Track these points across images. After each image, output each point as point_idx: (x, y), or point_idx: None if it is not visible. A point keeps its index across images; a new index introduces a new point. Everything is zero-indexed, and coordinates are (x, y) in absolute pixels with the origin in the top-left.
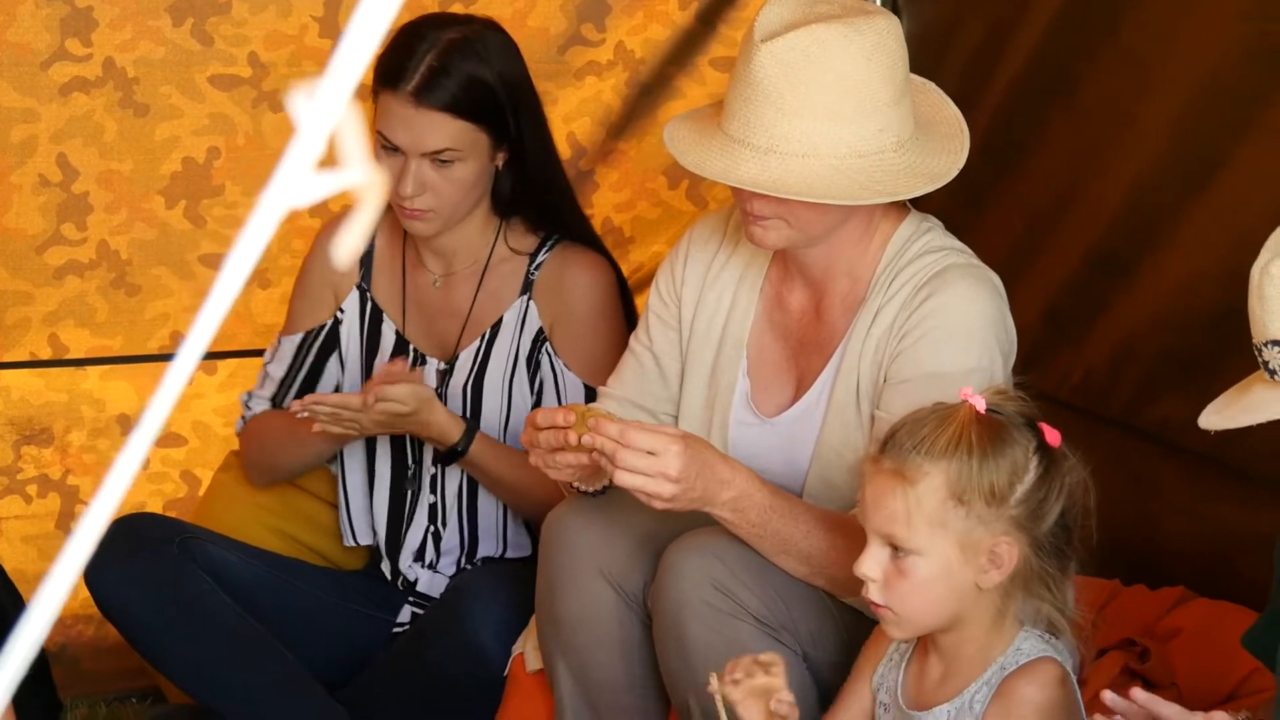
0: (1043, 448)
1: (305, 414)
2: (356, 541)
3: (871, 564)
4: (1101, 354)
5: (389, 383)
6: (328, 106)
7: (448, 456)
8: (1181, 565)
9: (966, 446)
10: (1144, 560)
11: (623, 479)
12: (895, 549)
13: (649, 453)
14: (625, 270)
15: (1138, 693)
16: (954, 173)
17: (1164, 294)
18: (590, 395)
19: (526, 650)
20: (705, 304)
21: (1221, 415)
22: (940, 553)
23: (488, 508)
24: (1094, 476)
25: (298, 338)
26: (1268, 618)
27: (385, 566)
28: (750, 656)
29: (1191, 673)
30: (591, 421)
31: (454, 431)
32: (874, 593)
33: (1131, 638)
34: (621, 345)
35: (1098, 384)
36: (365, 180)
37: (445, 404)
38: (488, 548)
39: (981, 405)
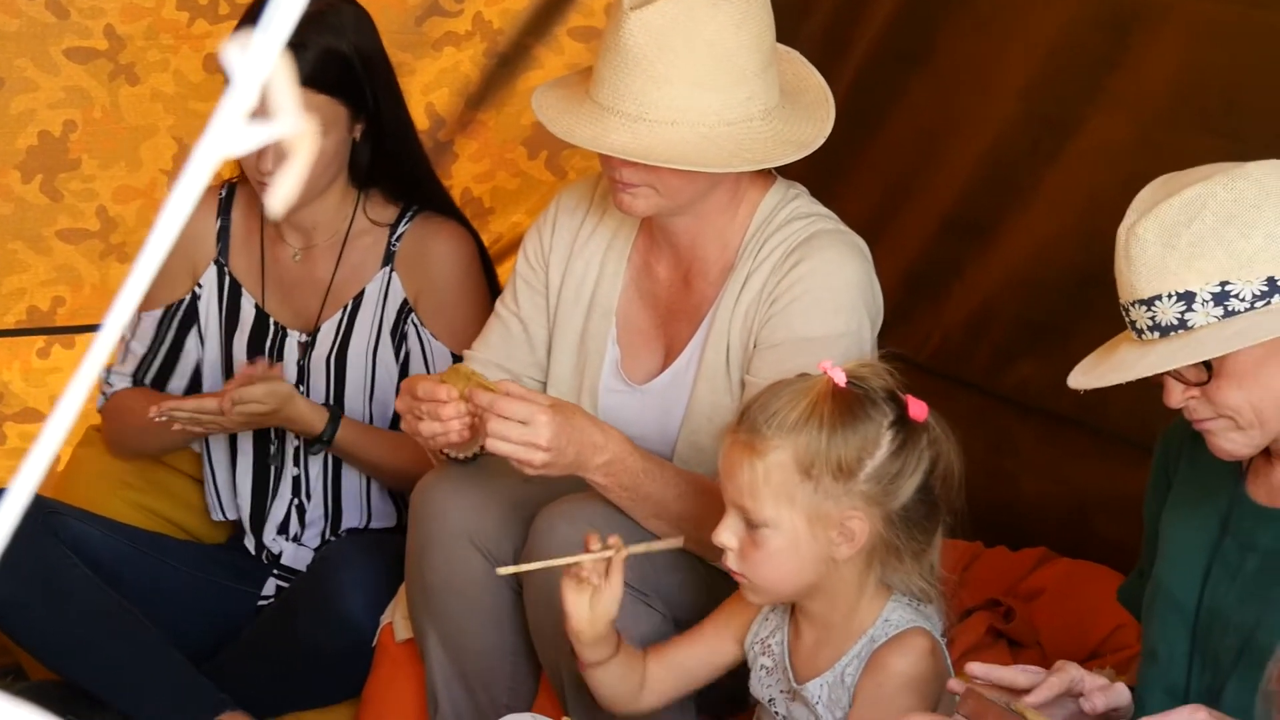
0: (900, 421)
1: (163, 418)
2: (224, 516)
3: (728, 534)
4: (959, 317)
5: (247, 384)
6: (260, 58)
7: (313, 445)
8: (1042, 526)
9: (817, 420)
10: (1005, 522)
11: (495, 446)
12: (749, 520)
13: (520, 421)
14: (485, 241)
15: (975, 667)
16: (820, 140)
17: (1020, 257)
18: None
19: (395, 619)
20: (573, 272)
21: (1089, 375)
22: (789, 525)
23: (351, 480)
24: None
25: (157, 313)
26: (1138, 572)
27: (249, 541)
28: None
29: (1055, 631)
30: (466, 391)
31: (318, 422)
32: (731, 561)
33: (996, 598)
34: (486, 313)
35: (956, 347)
36: (296, 130)
37: (308, 377)
38: (352, 519)
39: (841, 378)
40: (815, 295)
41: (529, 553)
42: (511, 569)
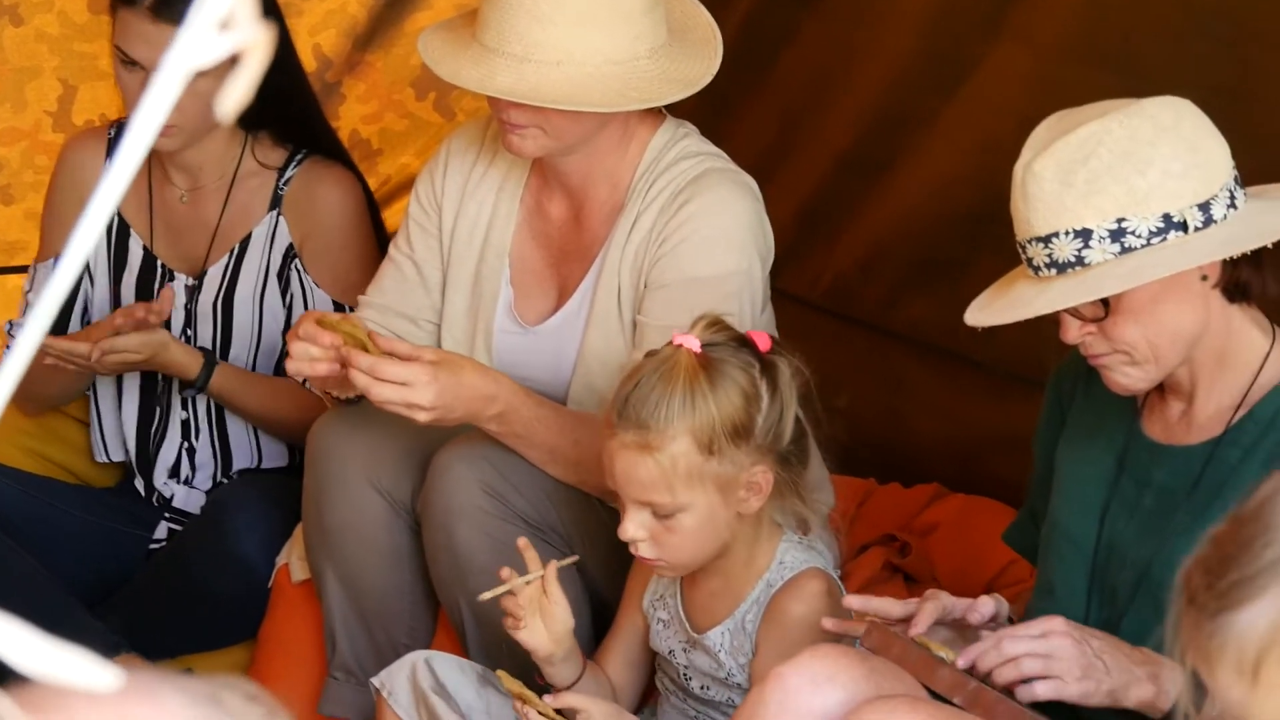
0: (761, 363)
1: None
2: (109, 457)
3: (635, 528)
4: (853, 256)
5: (121, 329)
6: None
7: (187, 390)
8: (934, 462)
9: (700, 395)
10: (897, 459)
11: (380, 404)
12: (657, 511)
13: (402, 384)
14: (373, 183)
15: (851, 600)
16: (708, 78)
17: (915, 195)
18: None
19: (291, 561)
20: (466, 213)
21: (986, 312)
22: (703, 502)
23: (237, 421)
24: (846, 378)
25: (52, 264)
26: (1027, 513)
27: (139, 483)
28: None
29: (950, 566)
30: (344, 351)
31: (193, 368)
32: (644, 551)
33: (891, 533)
34: (370, 262)
35: (849, 285)
36: (254, 39)
37: (195, 321)
38: (242, 460)
39: (696, 345)
40: (704, 234)
41: (426, 492)
42: (488, 594)
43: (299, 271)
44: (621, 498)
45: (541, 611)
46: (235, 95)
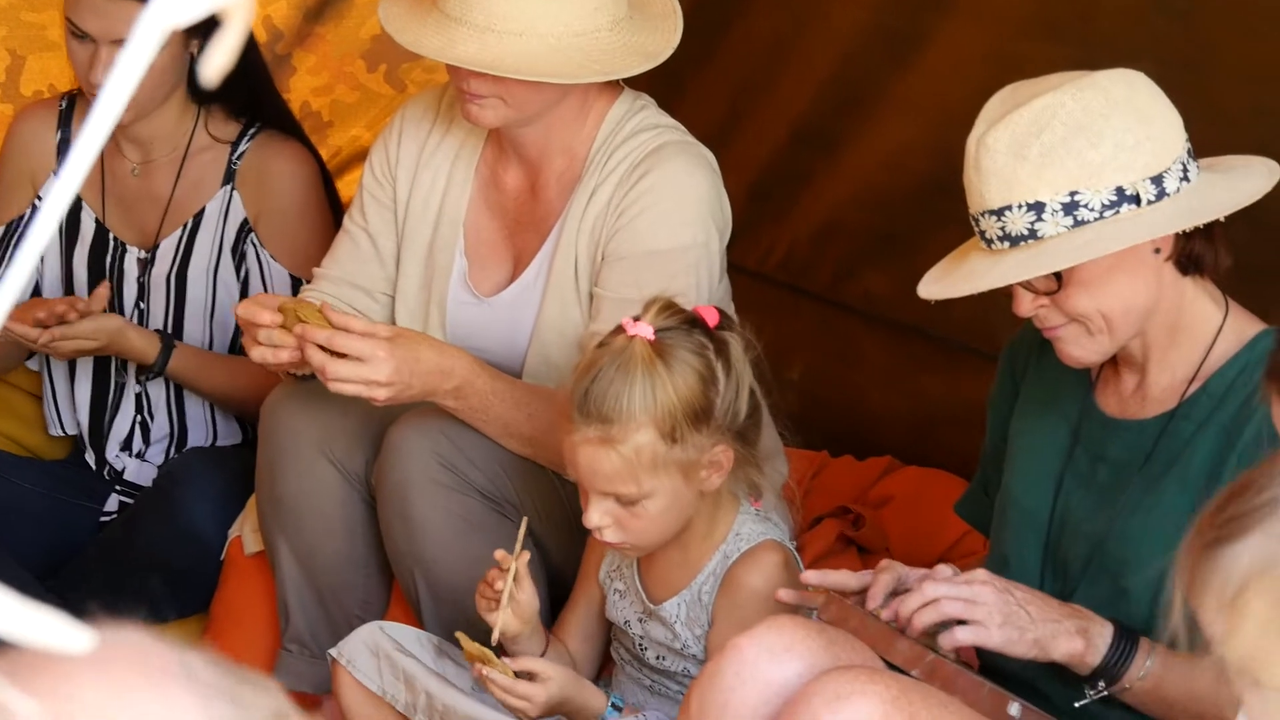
0: (713, 341)
1: None
2: (63, 431)
3: (599, 516)
4: (806, 228)
5: (73, 316)
6: None
7: (145, 373)
8: (887, 435)
9: (659, 385)
10: (851, 431)
11: (337, 387)
12: (622, 500)
13: (358, 359)
14: (324, 155)
15: (809, 575)
16: (669, 51)
17: (868, 168)
18: (296, 287)
19: (244, 533)
20: (420, 184)
21: (939, 285)
22: (667, 487)
23: (195, 399)
24: (798, 351)
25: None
26: (978, 484)
27: (90, 456)
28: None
29: (904, 538)
30: (299, 329)
31: (150, 352)
32: (609, 536)
33: (845, 505)
34: (326, 235)
35: (802, 258)
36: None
37: (148, 294)
38: (198, 437)
39: (650, 333)
40: (662, 207)
41: (381, 464)
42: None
43: (255, 246)
44: (584, 488)
45: (511, 597)
46: (218, 60)
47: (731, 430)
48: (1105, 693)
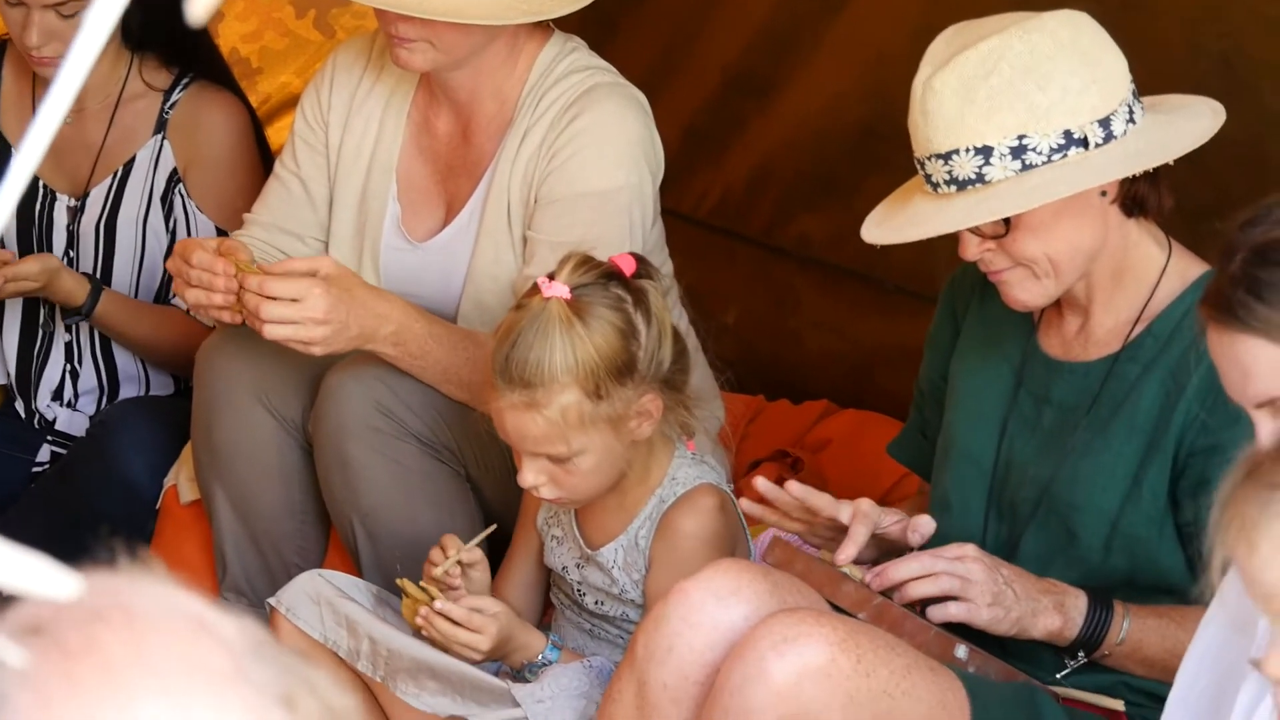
0: (631, 293)
1: None
2: None
3: (534, 475)
4: (740, 173)
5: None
6: None
7: (70, 316)
8: (824, 379)
9: (579, 344)
10: (787, 375)
11: (272, 331)
12: (554, 458)
13: (292, 299)
14: (253, 101)
15: (793, 485)
16: None
17: (803, 112)
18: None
19: (180, 481)
20: (352, 130)
21: (884, 229)
22: (598, 443)
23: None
24: (734, 295)
25: None
26: (913, 425)
27: (19, 405)
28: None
29: (842, 480)
30: (239, 276)
31: (80, 293)
32: (545, 493)
33: (783, 449)
34: (255, 189)
35: (737, 203)
36: None
37: (78, 243)
38: (129, 388)
39: (566, 292)
40: (595, 149)
41: (318, 411)
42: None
43: (183, 197)
44: (516, 450)
45: (464, 574)
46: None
47: (658, 379)
48: (1085, 661)
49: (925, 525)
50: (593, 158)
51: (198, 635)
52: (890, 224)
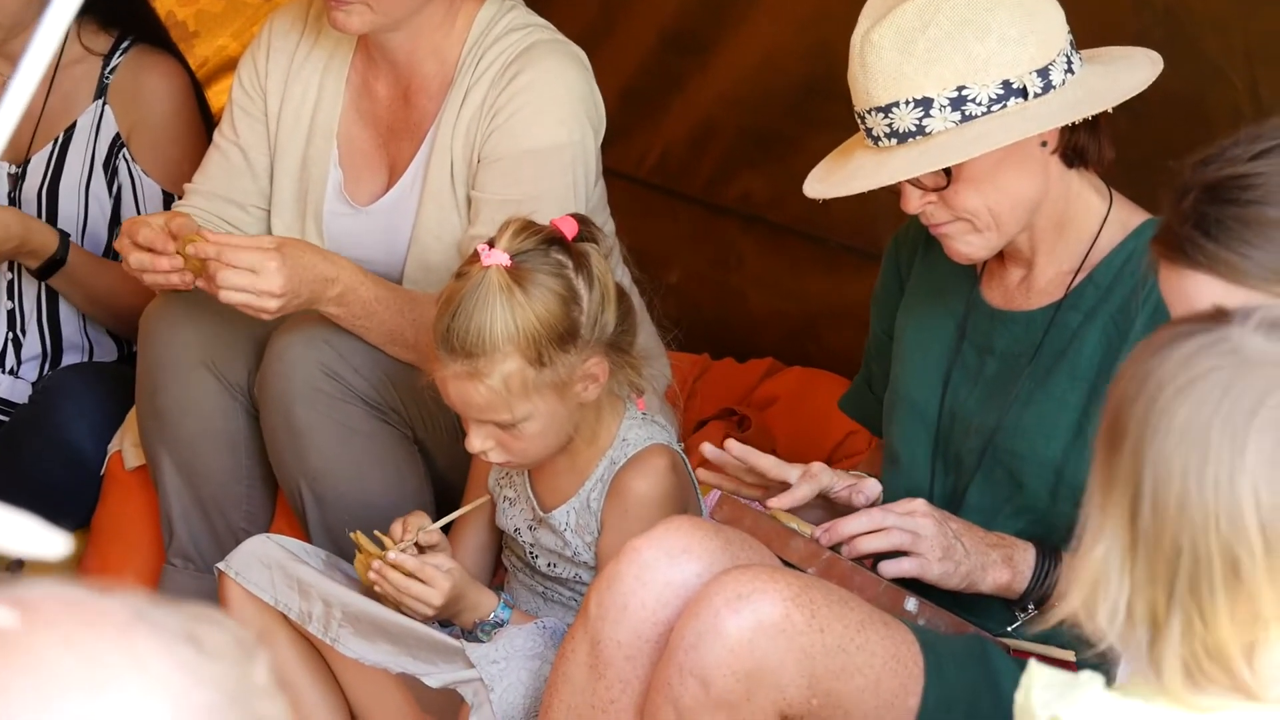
0: (572, 257)
1: None
2: None
3: (481, 441)
4: (680, 132)
5: None
6: None
7: (47, 270)
8: (768, 337)
9: (519, 312)
10: (731, 333)
11: (228, 297)
12: (500, 424)
13: (249, 269)
14: (190, 65)
15: (732, 444)
16: None
17: (742, 70)
18: (169, 202)
19: (124, 447)
20: (291, 95)
21: (825, 184)
22: (543, 408)
23: (70, 313)
24: (676, 254)
25: None
26: (862, 380)
27: None
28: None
29: (790, 438)
30: (191, 249)
31: (53, 242)
32: (493, 458)
33: (730, 407)
34: (199, 151)
35: (677, 161)
36: None
37: (19, 209)
38: (73, 354)
39: (506, 259)
40: (536, 106)
41: (264, 374)
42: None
43: (127, 162)
44: (462, 417)
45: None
46: None
47: (602, 342)
48: (1035, 613)
49: (871, 488)
50: (535, 115)
51: (91, 598)
52: (832, 179)
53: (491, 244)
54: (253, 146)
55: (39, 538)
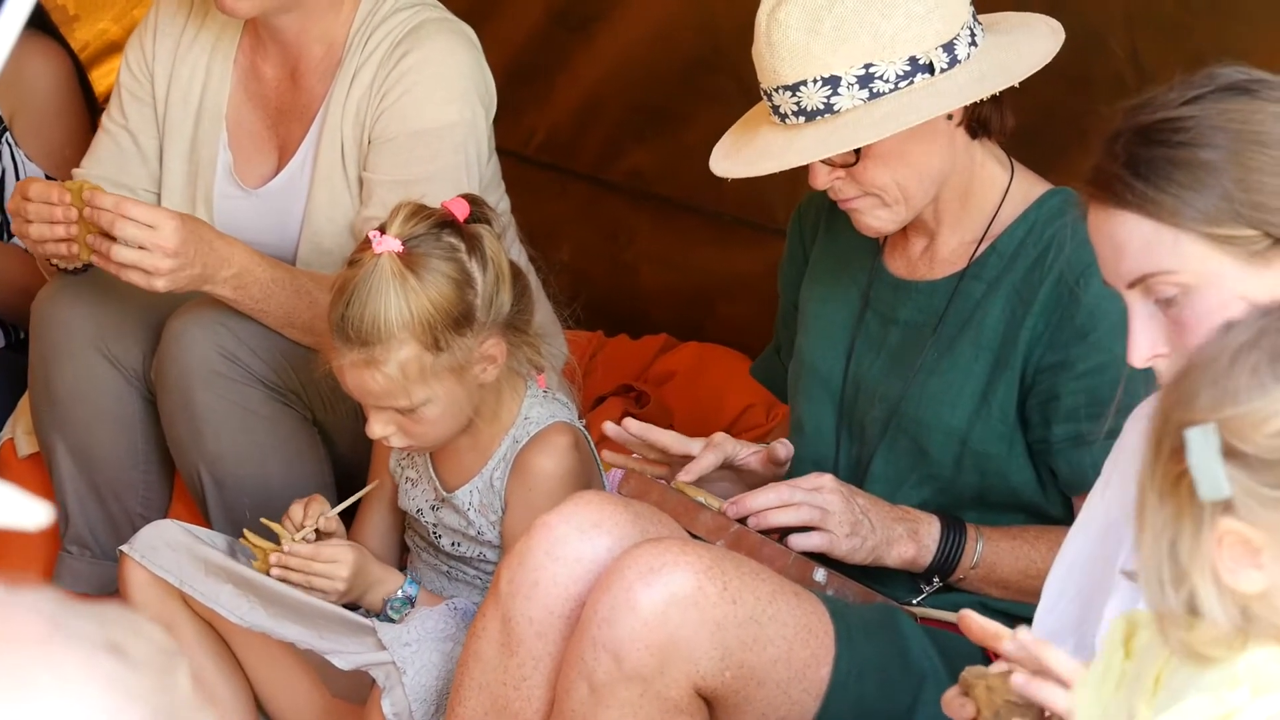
0: (465, 240)
1: None
2: None
3: (381, 427)
4: (567, 108)
5: None
6: None
7: None
8: (662, 312)
9: (413, 299)
10: (625, 310)
11: (120, 254)
12: (399, 409)
13: (148, 225)
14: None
15: (630, 423)
16: None
17: (629, 45)
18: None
19: (17, 435)
20: (179, 78)
21: (733, 162)
22: (442, 392)
23: None
24: (566, 231)
25: None
26: (773, 347)
27: None
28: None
29: (688, 413)
30: (87, 194)
31: None
32: (395, 443)
33: (628, 384)
34: (83, 135)
35: (565, 138)
36: None
37: None
38: None
39: (397, 245)
40: (426, 86)
41: (161, 358)
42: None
43: (10, 145)
44: (362, 404)
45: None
46: None
47: (499, 323)
48: (941, 586)
49: (782, 450)
50: (424, 95)
51: (2, 610)
52: (740, 156)
53: (383, 230)
54: (141, 130)
55: (19, 507)
